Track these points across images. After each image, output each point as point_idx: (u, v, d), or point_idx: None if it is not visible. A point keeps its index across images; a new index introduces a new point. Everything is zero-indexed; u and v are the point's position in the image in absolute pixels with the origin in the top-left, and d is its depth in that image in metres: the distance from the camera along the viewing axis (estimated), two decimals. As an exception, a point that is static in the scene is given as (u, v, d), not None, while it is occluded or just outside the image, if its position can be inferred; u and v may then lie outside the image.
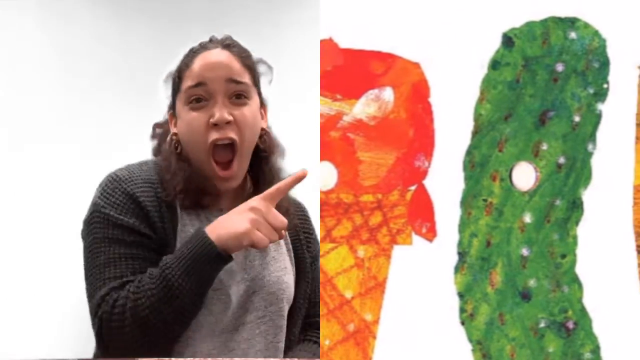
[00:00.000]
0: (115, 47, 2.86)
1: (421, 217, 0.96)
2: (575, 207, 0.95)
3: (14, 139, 2.77)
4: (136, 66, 2.77)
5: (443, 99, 0.97)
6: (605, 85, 0.95)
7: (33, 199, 2.70)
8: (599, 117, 0.95)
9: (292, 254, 1.31)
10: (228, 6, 3.06)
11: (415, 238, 0.97)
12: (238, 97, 1.23)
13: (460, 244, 0.96)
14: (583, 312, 0.94)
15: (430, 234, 0.96)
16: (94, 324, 1.15)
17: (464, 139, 0.97)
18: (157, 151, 1.30)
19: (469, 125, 0.96)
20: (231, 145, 1.23)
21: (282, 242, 1.30)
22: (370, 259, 0.97)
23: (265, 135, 1.29)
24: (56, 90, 2.85)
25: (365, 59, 0.97)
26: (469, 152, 0.96)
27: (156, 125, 1.32)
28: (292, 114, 2.88)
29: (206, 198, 1.23)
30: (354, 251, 0.97)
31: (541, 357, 0.95)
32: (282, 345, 1.25)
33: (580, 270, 0.95)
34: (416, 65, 0.97)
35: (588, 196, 0.95)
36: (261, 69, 1.30)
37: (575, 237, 0.95)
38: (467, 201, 0.96)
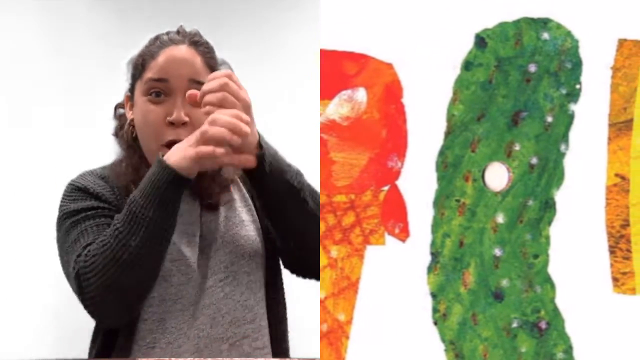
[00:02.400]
0: (115, 47, 2.87)
1: (394, 218, 0.97)
2: (548, 208, 0.95)
3: (14, 138, 2.79)
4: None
5: (416, 100, 0.97)
6: (577, 86, 0.95)
7: (31, 200, 2.71)
8: (571, 117, 0.95)
9: (253, 207, 1.31)
10: (228, 6, 3.07)
11: (388, 238, 0.97)
12: None
13: (433, 244, 0.96)
14: (555, 312, 0.95)
15: (403, 234, 0.97)
16: (73, 286, 1.15)
17: (437, 140, 0.97)
18: (118, 132, 1.32)
19: (441, 125, 0.97)
20: None
21: (236, 198, 1.32)
22: (343, 259, 0.97)
23: None
24: (56, 89, 2.87)
25: (338, 60, 0.98)
26: (441, 153, 0.97)
27: (118, 106, 1.34)
28: (292, 113, 2.89)
29: None
30: (327, 251, 0.98)
31: (514, 357, 0.95)
32: (252, 302, 1.23)
33: (552, 270, 0.95)
34: (389, 66, 0.97)
35: (560, 196, 0.95)
36: (222, 69, 1.32)
37: (547, 238, 0.95)
38: (440, 201, 0.96)
